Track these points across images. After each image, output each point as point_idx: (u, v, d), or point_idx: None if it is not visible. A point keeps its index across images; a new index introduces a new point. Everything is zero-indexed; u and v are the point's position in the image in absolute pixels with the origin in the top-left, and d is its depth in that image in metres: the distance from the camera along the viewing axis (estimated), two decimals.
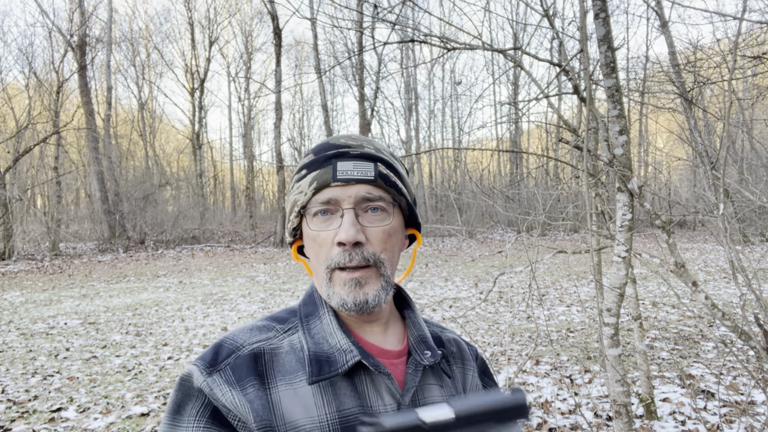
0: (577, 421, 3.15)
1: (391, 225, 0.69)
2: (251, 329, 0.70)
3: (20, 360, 4.90)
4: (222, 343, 0.68)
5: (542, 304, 4.39)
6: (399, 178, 0.72)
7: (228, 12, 26.10)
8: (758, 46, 4.20)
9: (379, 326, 0.73)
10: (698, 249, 13.82)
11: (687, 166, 17.30)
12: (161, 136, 29.99)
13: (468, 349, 0.84)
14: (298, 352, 0.67)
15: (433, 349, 0.72)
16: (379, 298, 0.67)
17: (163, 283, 10.29)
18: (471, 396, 0.71)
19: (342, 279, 0.66)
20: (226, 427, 0.61)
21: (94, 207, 18.96)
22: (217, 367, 0.64)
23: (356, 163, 0.67)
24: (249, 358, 0.65)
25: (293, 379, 0.65)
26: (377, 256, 0.67)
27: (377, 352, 0.70)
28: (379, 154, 0.70)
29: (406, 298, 0.79)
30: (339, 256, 0.65)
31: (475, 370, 0.82)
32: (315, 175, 0.68)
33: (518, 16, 19.72)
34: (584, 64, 2.04)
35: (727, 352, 4.32)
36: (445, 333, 0.83)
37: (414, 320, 0.76)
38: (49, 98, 16.90)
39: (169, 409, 0.64)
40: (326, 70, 19.23)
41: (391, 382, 0.66)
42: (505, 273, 3.14)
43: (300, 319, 0.71)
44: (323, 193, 0.67)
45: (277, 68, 18.05)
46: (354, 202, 0.66)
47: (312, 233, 0.68)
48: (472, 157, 25.40)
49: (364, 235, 0.66)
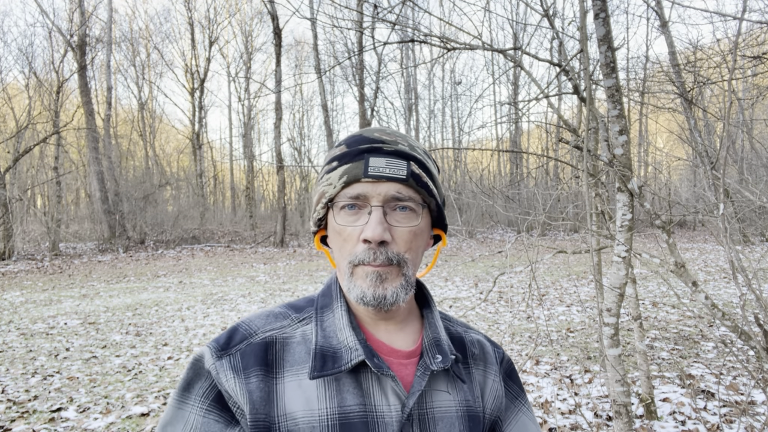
0: (577, 421, 3.15)
1: (418, 226, 0.68)
2: (268, 315, 0.71)
3: (20, 360, 4.90)
4: (238, 327, 0.69)
5: (542, 304, 4.39)
6: (431, 179, 0.70)
7: (228, 12, 26.10)
8: (758, 46, 4.20)
9: (394, 324, 0.72)
10: (698, 249, 13.82)
11: (687, 166, 17.31)
12: (161, 136, 30.00)
13: (493, 352, 0.81)
14: (309, 344, 0.67)
15: (445, 354, 0.70)
16: (398, 296, 0.66)
17: (163, 283, 10.29)
18: None
19: (364, 271, 0.65)
20: (227, 411, 0.63)
21: (94, 207, 18.96)
22: (228, 351, 0.65)
23: (389, 160, 0.66)
24: (260, 346, 0.66)
25: (300, 371, 0.65)
26: (401, 255, 0.66)
27: (386, 351, 0.69)
28: (413, 153, 0.69)
29: (426, 297, 0.78)
30: (363, 254, 0.65)
31: (498, 374, 0.79)
32: (346, 168, 0.67)
33: (518, 16, 19.73)
34: (584, 64, 2.04)
35: (727, 352, 4.32)
36: (469, 333, 0.81)
37: (431, 321, 0.74)
38: (49, 98, 16.90)
39: (179, 385, 0.66)
40: (326, 70, 19.24)
41: (395, 383, 0.65)
42: (505, 273, 3.14)
43: (316, 310, 0.71)
44: (353, 187, 0.66)
45: (277, 68, 18.05)
46: (383, 200, 0.65)
47: (338, 227, 0.67)
48: (472, 157, 25.41)
49: (390, 234, 0.65)
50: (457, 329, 0.80)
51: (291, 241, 19.13)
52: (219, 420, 0.62)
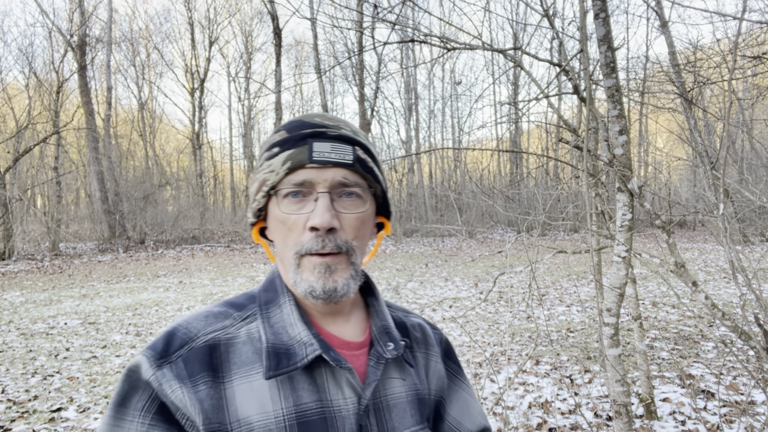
0: (577, 421, 3.15)
1: (366, 213, 0.66)
2: (207, 316, 0.66)
3: (20, 360, 4.90)
4: (175, 331, 0.63)
5: (542, 304, 4.39)
6: (376, 164, 0.68)
7: (228, 12, 26.10)
8: (758, 46, 4.20)
9: (342, 316, 0.70)
10: (698, 249, 13.81)
11: (687, 166, 17.31)
12: (161, 136, 30.00)
13: (433, 334, 0.81)
14: (255, 342, 0.64)
15: (396, 341, 0.70)
16: (348, 287, 0.64)
17: (163, 283, 10.29)
18: None
19: (312, 263, 0.62)
20: (172, 424, 0.58)
21: (94, 207, 18.96)
22: (169, 358, 0.60)
23: (334, 145, 0.64)
24: (203, 350, 0.61)
25: (249, 372, 0.62)
26: (350, 243, 0.63)
27: (339, 344, 0.67)
28: (357, 137, 0.67)
29: (371, 286, 0.76)
30: (311, 242, 0.62)
31: (439, 355, 0.80)
32: (289, 154, 0.63)
33: (518, 16, 19.72)
34: (584, 64, 2.04)
35: (727, 352, 4.32)
36: (409, 318, 0.81)
37: (378, 309, 0.73)
38: (49, 98, 16.90)
39: (113, 401, 0.60)
40: (326, 70, 19.24)
41: (352, 375, 0.64)
42: (505, 273, 3.14)
43: (259, 306, 0.67)
44: (297, 174, 0.63)
45: (277, 68, 18.05)
46: (329, 186, 0.63)
47: (282, 215, 0.64)
48: (472, 157, 25.41)
49: (338, 220, 0.62)
50: (398, 314, 0.80)
51: None
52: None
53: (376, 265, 12.34)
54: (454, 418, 0.78)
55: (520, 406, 3.46)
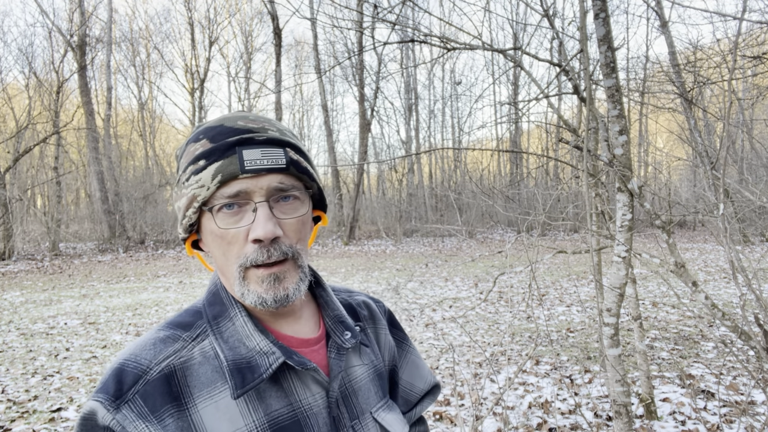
0: (577, 421, 3.15)
1: (306, 214, 0.65)
2: (154, 343, 0.62)
3: (20, 360, 4.90)
4: (123, 367, 0.59)
5: (542, 304, 4.39)
6: (308, 163, 0.67)
7: (228, 12, 26.10)
8: (758, 46, 4.20)
9: (294, 315, 0.69)
10: (698, 249, 13.81)
11: (687, 166, 17.31)
12: (161, 136, 29.99)
13: (377, 308, 0.84)
14: (212, 361, 0.61)
15: (352, 329, 0.70)
16: (299, 290, 0.63)
17: (163, 283, 10.29)
18: None
19: (258, 276, 0.61)
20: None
21: (94, 207, 18.96)
22: (125, 398, 0.56)
23: (264, 150, 0.61)
24: (160, 381, 0.58)
25: (212, 392, 0.59)
26: (294, 248, 0.62)
27: (297, 343, 0.67)
28: (286, 138, 0.64)
29: (316, 277, 0.75)
30: (255, 254, 0.60)
31: (386, 327, 0.83)
32: (218, 166, 0.60)
33: (518, 16, 19.72)
34: (584, 64, 2.05)
35: (727, 352, 4.32)
36: (354, 297, 0.82)
37: (327, 300, 0.73)
38: (49, 98, 16.89)
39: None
40: (326, 70, 19.24)
41: (317, 373, 0.64)
42: (505, 273, 3.14)
43: (208, 322, 0.64)
44: (230, 186, 0.60)
45: (277, 68, 18.05)
46: (266, 194, 0.60)
47: (219, 231, 0.61)
48: (472, 157, 25.41)
49: (280, 228, 0.61)
50: (343, 296, 0.81)
51: None
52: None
53: (376, 265, 12.34)
54: (407, 380, 0.83)
55: (520, 406, 3.46)
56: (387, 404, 0.73)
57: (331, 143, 20.32)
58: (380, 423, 0.70)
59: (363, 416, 0.68)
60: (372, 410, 0.70)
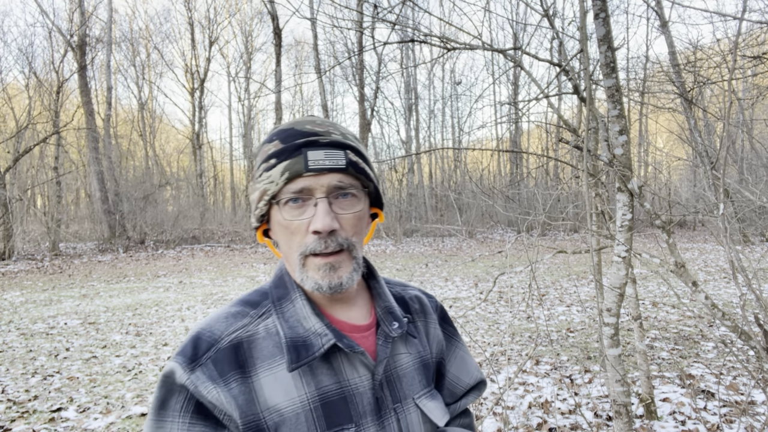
0: (577, 421, 3.15)
1: (362, 210, 0.72)
2: (226, 317, 0.71)
3: (20, 360, 4.90)
4: (200, 335, 0.68)
5: (542, 304, 4.39)
6: (367, 164, 0.73)
7: (228, 12, 26.10)
8: (758, 46, 4.19)
9: (348, 302, 0.76)
10: (698, 249, 13.81)
11: (687, 166, 17.30)
12: (161, 136, 29.99)
13: (429, 303, 0.89)
14: (274, 337, 0.69)
15: (400, 320, 0.77)
16: (352, 279, 0.70)
17: (163, 283, 10.29)
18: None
19: (316, 264, 0.68)
20: (210, 419, 0.64)
21: (94, 207, 18.95)
22: (199, 362, 0.65)
23: (327, 151, 0.68)
24: (229, 350, 0.67)
25: (272, 364, 0.67)
26: (350, 240, 0.69)
27: (348, 329, 0.74)
28: (347, 141, 0.71)
29: (371, 269, 0.82)
30: (314, 244, 0.67)
31: (436, 321, 0.88)
32: (286, 165, 0.68)
33: (518, 16, 19.72)
34: (584, 64, 2.04)
35: (727, 352, 4.32)
36: (407, 291, 0.88)
37: (379, 291, 0.80)
38: (49, 98, 16.89)
39: (153, 406, 0.66)
40: (326, 70, 19.24)
41: (364, 356, 0.70)
42: (505, 273, 3.14)
43: (273, 302, 0.73)
44: (295, 182, 0.68)
45: (277, 68, 18.05)
46: (327, 191, 0.68)
47: (284, 222, 0.69)
48: (472, 157, 25.41)
49: (338, 222, 0.68)
50: (396, 289, 0.87)
51: None
52: (205, 429, 0.63)
53: (376, 265, 12.34)
54: (454, 374, 0.88)
55: (520, 406, 3.46)
56: (430, 393, 0.79)
57: None
58: (422, 409, 0.76)
59: (405, 401, 0.75)
60: (415, 396, 0.76)
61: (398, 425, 0.73)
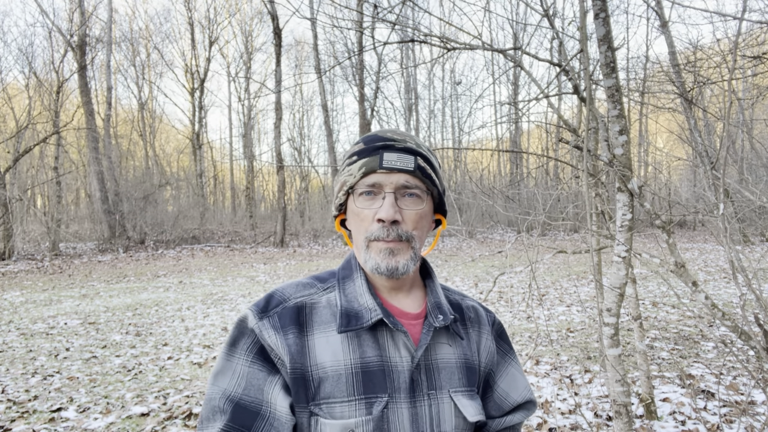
0: (577, 421, 3.15)
1: (423, 209, 0.81)
2: (297, 285, 0.84)
3: (20, 360, 4.90)
4: (273, 294, 0.82)
5: (542, 304, 4.38)
6: (434, 171, 0.83)
7: (228, 12, 26.09)
8: (758, 46, 4.19)
9: (403, 291, 0.85)
10: (698, 249, 13.81)
11: (687, 166, 17.30)
12: (161, 136, 29.98)
13: (486, 315, 0.95)
14: (333, 308, 0.80)
15: (446, 314, 0.84)
16: (408, 267, 0.79)
17: (163, 283, 10.29)
18: None
19: (378, 247, 0.78)
20: (268, 362, 0.75)
21: (94, 207, 18.95)
22: (268, 313, 0.78)
23: (400, 155, 0.79)
24: (293, 309, 0.79)
25: (327, 329, 0.78)
26: (409, 233, 0.79)
27: (398, 313, 0.82)
28: (419, 149, 0.82)
29: (429, 270, 0.91)
30: (378, 231, 0.78)
31: (490, 334, 0.93)
32: (364, 161, 0.79)
33: (518, 16, 19.72)
34: (584, 64, 2.04)
35: (727, 352, 4.32)
36: (465, 301, 0.95)
37: (433, 288, 0.88)
38: (49, 98, 16.88)
39: (226, 342, 0.78)
40: (326, 70, 19.24)
41: (407, 338, 0.78)
42: (505, 273, 3.14)
43: (338, 281, 0.84)
44: (370, 177, 0.79)
45: (277, 68, 18.04)
46: (395, 187, 0.78)
47: (357, 209, 0.80)
48: (472, 157, 25.41)
49: (400, 215, 0.78)
50: (455, 297, 0.94)
51: (291, 241, 19.13)
52: (262, 369, 0.75)
53: None
54: (503, 389, 0.92)
55: None
56: (469, 393, 0.84)
57: (331, 143, 20.30)
58: (455, 402, 0.81)
59: (441, 390, 0.81)
60: (451, 390, 0.82)
61: (429, 410, 0.79)
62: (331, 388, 0.74)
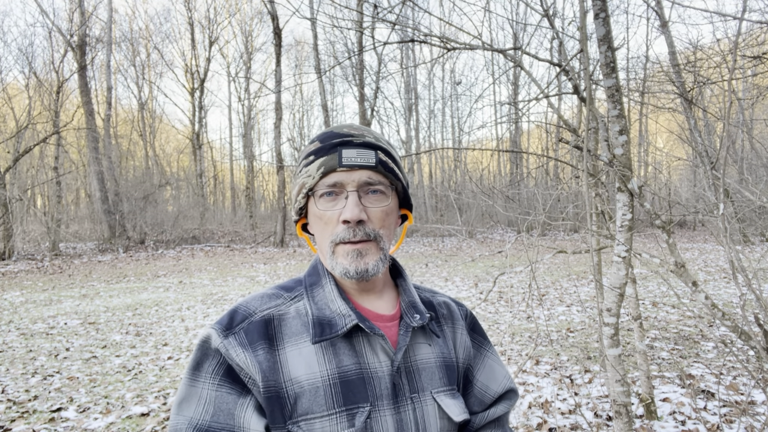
0: (577, 421, 3.15)
1: (389, 206, 0.77)
2: (262, 297, 0.79)
3: (20, 360, 4.90)
4: (237, 309, 0.76)
5: (542, 304, 4.38)
6: (396, 165, 0.80)
7: (228, 12, 26.10)
8: (758, 46, 4.19)
9: (374, 293, 0.81)
10: (698, 249, 13.81)
11: (687, 166, 17.30)
12: (161, 136, 29.99)
13: (458, 310, 0.92)
14: (303, 317, 0.76)
15: (422, 313, 0.80)
16: (378, 267, 0.75)
17: (163, 283, 10.29)
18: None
19: (345, 250, 0.74)
20: (237, 383, 0.70)
21: (94, 207, 18.95)
22: (232, 330, 0.73)
23: (359, 150, 0.75)
24: (260, 323, 0.74)
25: (298, 341, 0.73)
26: (377, 231, 0.75)
27: (372, 317, 0.78)
28: (379, 143, 0.78)
29: (399, 269, 0.88)
30: (344, 232, 0.73)
31: (464, 328, 0.90)
32: (322, 161, 0.75)
33: (518, 16, 19.72)
34: (584, 64, 2.04)
35: (727, 352, 4.32)
36: (436, 297, 0.92)
37: (405, 288, 0.85)
38: (49, 98, 16.89)
39: (189, 366, 0.72)
40: (326, 70, 19.23)
41: (384, 342, 0.74)
42: (505, 273, 3.14)
43: (305, 288, 0.80)
44: (330, 177, 0.74)
45: (277, 68, 18.04)
46: (357, 185, 0.74)
47: (319, 212, 0.76)
48: (472, 157, 25.41)
49: (366, 214, 0.74)
50: (426, 295, 0.91)
51: (291, 241, 19.13)
52: (231, 392, 0.69)
53: None
54: (482, 382, 0.89)
55: (520, 406, 3.45)
56: (451, 391, 0.81)
57: None
58: (439, 403, 0.78)
59: (423, 392, 0.78)
60: (433, 390, 0.79)
61: (414, 414, 0.75)
62: (308, 403, 0.69)
